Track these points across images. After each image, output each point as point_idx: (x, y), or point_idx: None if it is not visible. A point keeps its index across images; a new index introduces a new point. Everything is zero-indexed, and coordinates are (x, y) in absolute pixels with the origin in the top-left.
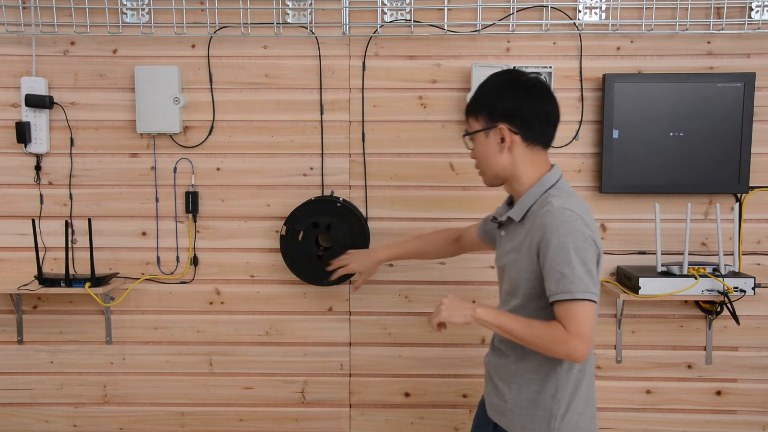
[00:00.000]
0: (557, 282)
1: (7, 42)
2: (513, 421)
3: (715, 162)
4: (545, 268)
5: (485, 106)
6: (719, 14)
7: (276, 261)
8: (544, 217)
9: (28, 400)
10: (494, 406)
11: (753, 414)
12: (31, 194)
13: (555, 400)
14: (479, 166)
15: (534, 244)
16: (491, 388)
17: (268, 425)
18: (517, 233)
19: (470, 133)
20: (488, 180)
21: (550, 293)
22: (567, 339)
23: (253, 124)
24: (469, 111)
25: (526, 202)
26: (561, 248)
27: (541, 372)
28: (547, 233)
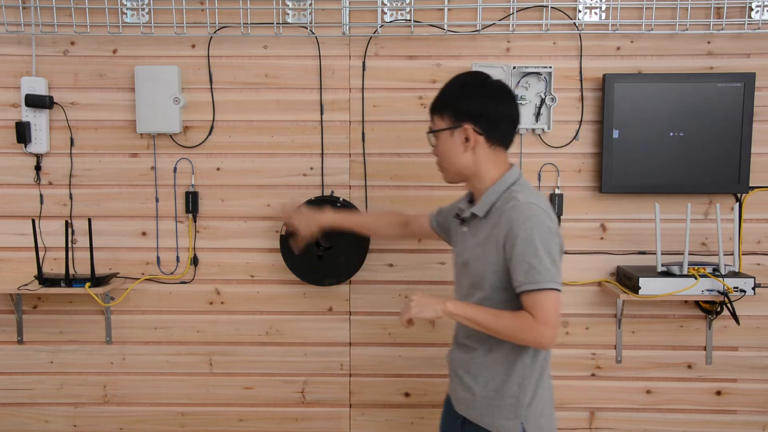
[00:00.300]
0: (525, 273)
1: (7, 42)
2: (482, 412)
3: (715, 162)
4: (513, 260)
5: (451, 105)
6: (719, 14)
7: (276, 261)
8: (511, 212)
9: (28, 400)
10: (462, 400)
11: (753, 414)
12: (31, 194)
13: (521, 388)
14: (441, 163)
15: (501, 237)
16: (457, 384)
17: (268, 425)
18: (482, 228)
19: (434, 131)
20: (449, 177)
21: (518, 284)
22: (535, 327)
23: (253, 124)
24: (434, 109)
25: (489, 199)
26: (528, 241)
27: (507, 362)
28: (514, 227)
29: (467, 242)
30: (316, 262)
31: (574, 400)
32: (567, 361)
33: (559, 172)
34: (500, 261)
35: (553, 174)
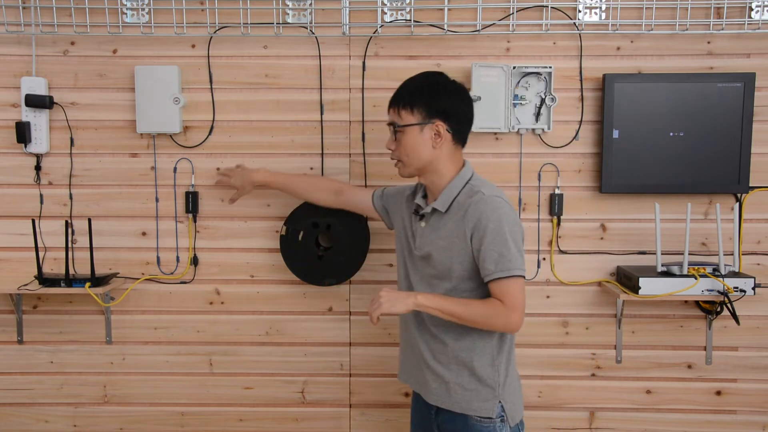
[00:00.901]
0: (495, 262)
1: (7, 42)
2: (457, 399)
3: (715, 162)
4: (482, 250)
5: (424, 101)
6: (719, 14)
7: (276, 261)
8: (479, 205)
9: (28, 400)
10: (434, 391)
11: (753, 414)
12: (31, 194)
13: (495, 368)
14: (403, 157)
15: (468, 230)
16: (428, 375)
17: (268, 425)
18: (443, 222)
19: (402, 125)
20: (408, 171)
21: (488, 272)
22: (505, 312)
23: (253, 124)
24: (402, 103)
25: (449, 194)
26: (498, 232)
27: (476, 348)
28: (483, 219)
29: (427, 236)
30: (316, 262)
31: (574, 400)
32: (567, 361)
33: (559, 172)
34: (467, 252)
35: (553, 174)
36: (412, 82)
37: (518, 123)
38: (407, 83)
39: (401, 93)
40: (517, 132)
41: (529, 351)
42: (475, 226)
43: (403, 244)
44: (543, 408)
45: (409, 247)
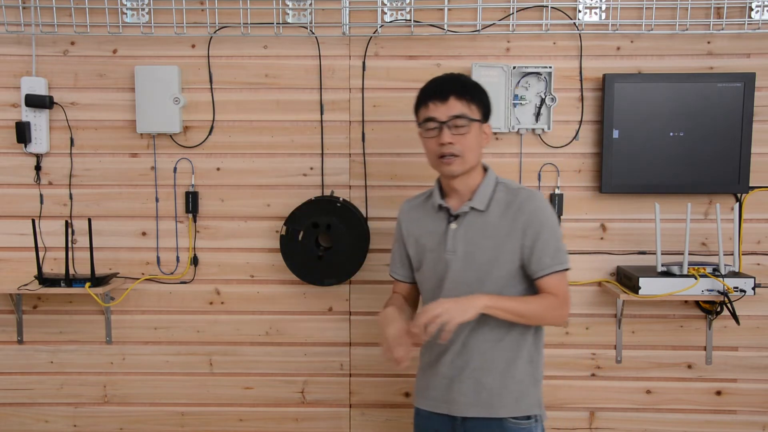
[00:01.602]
0: (552, 255)
1: (7, 42)
2: (506, 402)
3: (715, 162)
4: (537, 245)
5: (481, 100)
6: (719, 14)
7: (276, 261)
8: (532, 201)
9: (28, 400)
10: (468, 401)
11: (753, 414)
12: (31, 194)
13: (533, 366)
14: (465, 152)
15: (518, 226)
16: (466, 386)
17: (268, 425)
18: (484, 221)
19: (473, 119)
20: (463, 168)
21: (543, 266)
22: (559, 305)
23: (253, 124)
24: (469, 96)
25: (485, 193)
26: (553, 227)
27: (516, 347)
28: (538, 214)
29: (462, 237)
30: (316, 262)
31: (574, 400)
32: (567, 361)
33: (559, 172)
34: (515, 250)
35: (553, 174)
36: (462, 77)
37: (518, 123)
38: (459, 78)
39: (464, 86)
40: (517, 132)
41: None
42: (530, 222)
43: (426, 255)
44: None
45: (438, 254)
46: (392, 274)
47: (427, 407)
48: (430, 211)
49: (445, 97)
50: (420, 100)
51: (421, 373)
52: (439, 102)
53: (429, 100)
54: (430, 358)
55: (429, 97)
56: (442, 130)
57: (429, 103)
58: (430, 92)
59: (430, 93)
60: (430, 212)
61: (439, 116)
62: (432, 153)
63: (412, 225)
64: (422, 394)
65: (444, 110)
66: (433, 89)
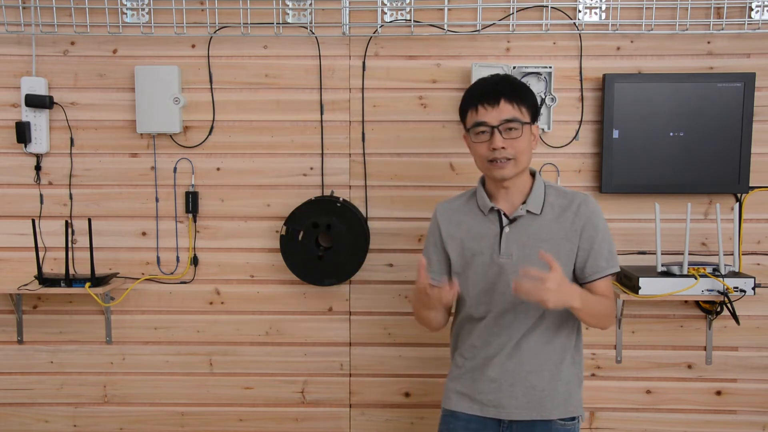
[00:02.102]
0: (607, 259)
1: (7, 42)
2: (556, 404)
3: (715, 162)
4: (594, 248)
5: (531, 102)
6: (719, 14)
7: (276, 261)
8: (588, 205)
9: (28, 400)
10: (524, 405)
11: (753, 414)
12: (31, 194)
13: (576, 366)
14: (518, 156)
15: (579, 229)
16: (517, 390)
17: (268, 425)
18: (539, 224)
19: (524, 122)
20: (517, 171)
21: (598, 269)
22: (613, 307)
23: (253, 124)
24: (519, 99)
25: (538, 196)
26: (606, 230)
27: (563, 348)
28: (593, 218)
29: (515, 241)
30: (316, 262)
31: None
32: None
33: (559, 172)
34: (572, 254)
35: (553, 174)
36: (510, 78)
37: None
38: (508, 80)
39: (514, 88)
40: None
41: None
42: (586, 226)
43: (474, 259)
44: None
45: (490, 258)
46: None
47: (472, 411)
48: (476, 214)
49: (495, 100)
50: (468, 103)
51: (464, 377)
52: (489, 105)
53: (478, 104)
54: (475, 363)
55: (478, 101)
56: (493, 135)
57: (478, 106)
58: (479, 95)
59: (479, 96)
60: (476, 215)
61: (490, 120)
62: (482, 157)
63: (454, 228)
64: (464, 399)
65: (495, 114)
66: (483, 92)
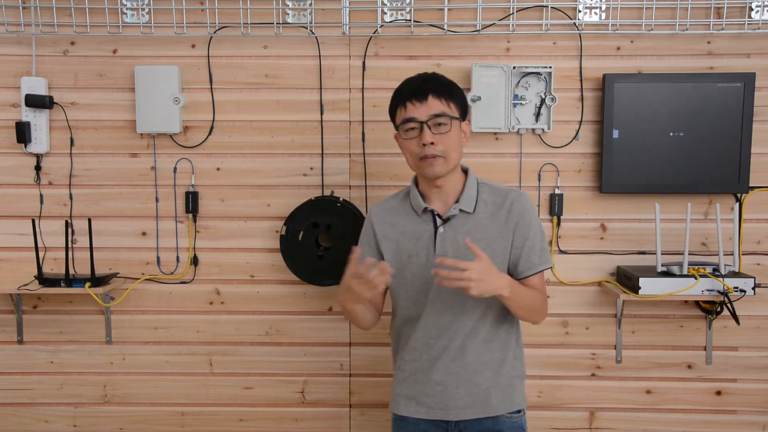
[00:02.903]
0: (539, 255)
1: (7, 42)
2: (500, 400)
3: (715, 162)
4: (526, 245)
5: (460, 99)
6: (719, 14)
7: (276, 261)
8: (521, 202)
9: (28, 400)
10: (470, 405)
11: (753, 414)
12: (31, 194)
13: (518, 360)
14: (448, 152)
15: (512, 226)
16: (461, 390)
17: (268, 425)
18: (473, 223)
19: (453, 117)
20: (447, 168)
21: (531, 265)
22: (546, 302)
23: (253, 124)
24: (447, 94)
25: (470, 194)
26: (539, 227)
27: (503, 347)
28: (526, 215)
29: (452, 240)
30: (316, 262)
31: (574, 400)
32: (567, 361)
33: (559, 172)
34: (506, 251)
35: (553, 174)
36: (437, 75)
37: (518, 123)
38: (435, 77)
39: (442, 85)
40: (517, 132)
41: (529, 351)
42: (519, 223)
43: (410, 260)
44: (543, 408)
45: (425, 259)
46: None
47: (419, 415)
48: (410, 214)
49: (423, 96)
50: (396, 101)
51: (408, 380)
52: (417, 102)
53: (407, 100)
54: (419, 365)
55: (406, 97)
56: (422, 130)
57: (407, 103)
58: (408, 92)
59: (407, 93)
60: (410, 215)
61: (418, 116)
62: (413, 155)
63: (388, 229)
64: (411, 402)
65: (423, 110)
66: (411, 89)
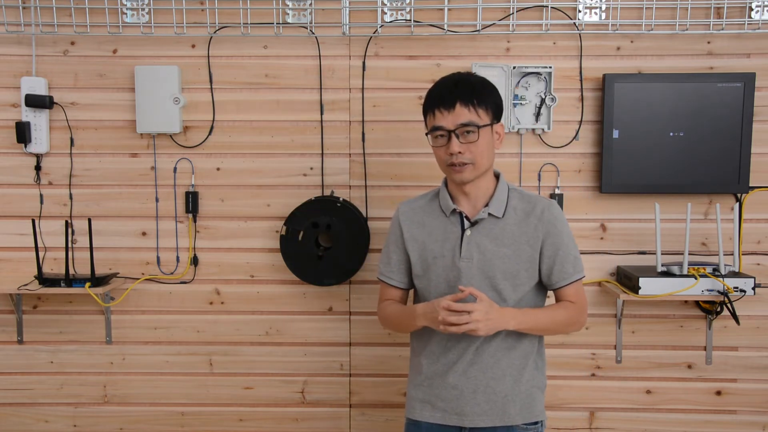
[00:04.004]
0: (573, 264)
1: (7, 42)
2: (518, 410)
3: (715, 162)
4: (559, 254)
5: (492, 101)
6: (719, 14)
7: (276, 261)
8: (552, 210)
9: (28, 400)
10: (481, 412)
11: (753, 414)
12: (31, 194)
13: (539, 371)
14: (477, 159)
15: (541, 234)
16: (480, 398)
17: (268, 425)
18: (501, 228)
19: (483, 125)
20: (476, 174)
21: (565, 275)
22: (580, 313)
23: (253, 124)
24: (477, 100)
25: (501, 199)
26: (570, 236)
27: (525, 353)
28: (557, 224)
29: (476, 244)
30: (316, 262)
31: (574, 400)
32: (567, 361)
33: (559, 172)
34: (534, 258)
35: (553, 174)
36: (468, 79)
37: (518, 123)
38: (467, 79)
39: (471, 90)
40: (517, 132)
41: None
42: (550, 231)
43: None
44: None
45: (450, 261)
46: (385, 279)
47: (434, 420)
48: (438, 215)
49: (451, 104)
50: (426, 107)
51: (424, 384)
52: (445, 110)
53: (435, 108)
54: (435, 369)
55: (435, 105)
56: (450, 139)
57: (435, 111)
58: (437, 99)
59: (436, 99)
60: (438, 216)
61: (446, 125)
62: (441, 161)
63: (416, 228)
64: (426, 407)
65: (451, 119)
66: (440, 95)
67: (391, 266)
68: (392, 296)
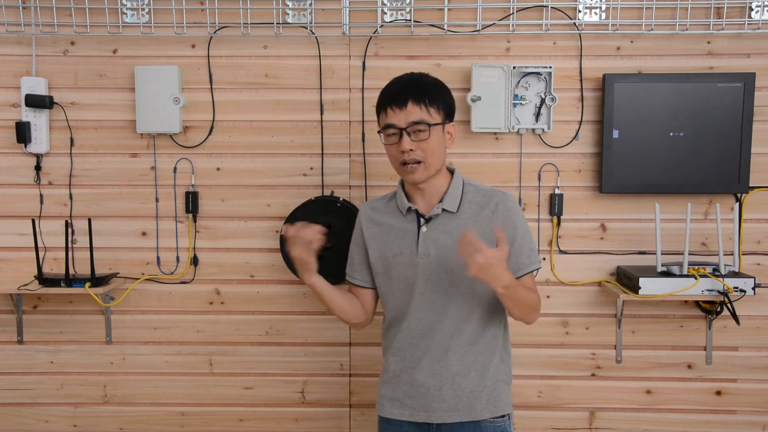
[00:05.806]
0: (529, 256)
1: (7, 42)
2: (485, 404)
3: (715, 162)
4: (514, 246)
5: (443, 100)
6: (719, 14)
7: (276, 261)
8: (506, 203)
9: (28, 400)
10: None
11: (753, 414)
12: (31, 194)
13: (504, 364)
14: (428, 159)
15: (494, 228)
16: (446, 394)
17: (268, 425)
18: (456, 223)
19: (434, 123)
20: (428, 174)
21: (521, 266)
22: (539, 301)
23: (253, 124)
24: (428, 99)
25: (455, 194)
26: (526, 227)
27: (490, 347)
28: (512, 216)
29: (433, 240)
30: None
31: (574, 400)
32: (567, 361)
33: (559, 172)
34: None
35: (553, 174)
36: (421, 78)
37: (518, 123)
38: (419, 78)
39: (423, 89)
40: (517, 132)
41: (529, 351)
42: (505, 224)
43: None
44: (543, 408)
45: (409, 258)
46: (349, 279)
47: (403, 417)
48: (396, 215)
49: (402, 102)
50: (379, 105)
51: (392, 381)
52: (397, 108)
53: (387, 106)
54: (402, 366)
55: (387, 103)
56: (402, 137)
57: (388, 109)
58: (389, 97)
59: (388, 98)
60: (396, 215)
61: (397, 123)
62: (394, 160)
63: (375, 228)
64: (395, 404)
65: (402, 116)
66: (392, 93)
67: (355, 266)
68: (359, 295)
